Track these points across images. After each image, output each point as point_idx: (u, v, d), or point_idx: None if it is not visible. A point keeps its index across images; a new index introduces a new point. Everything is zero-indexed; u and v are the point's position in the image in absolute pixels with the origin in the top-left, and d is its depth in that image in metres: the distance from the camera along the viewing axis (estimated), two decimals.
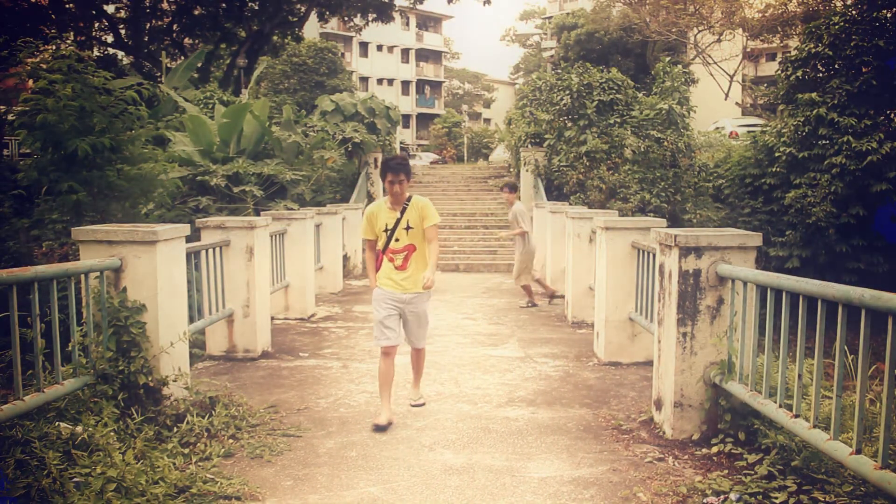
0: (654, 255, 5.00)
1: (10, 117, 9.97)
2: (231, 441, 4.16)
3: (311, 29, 35.92)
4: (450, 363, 6.33)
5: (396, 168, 4.60)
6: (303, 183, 12.97)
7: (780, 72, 15.41)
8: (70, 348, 3.88)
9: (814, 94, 13.50)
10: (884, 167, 12.58)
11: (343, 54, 38.80)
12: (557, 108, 15.57)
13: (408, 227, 4.64)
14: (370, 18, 27.46)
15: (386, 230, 4.67)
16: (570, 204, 13.13)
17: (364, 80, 50.66)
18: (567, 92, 15.33)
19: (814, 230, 13.03)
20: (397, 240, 4.65)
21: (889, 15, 13.69)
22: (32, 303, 3.45)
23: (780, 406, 3.41)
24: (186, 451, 3.90)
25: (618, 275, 6.30)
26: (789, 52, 17.25)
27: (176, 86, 17.37)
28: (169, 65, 21.14)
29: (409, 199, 4.72)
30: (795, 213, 13.28)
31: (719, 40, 29.27)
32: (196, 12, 24.05)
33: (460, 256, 15.48)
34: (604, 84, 15.32)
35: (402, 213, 4.66)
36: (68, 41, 20.46)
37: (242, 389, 5.37)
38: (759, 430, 3.92)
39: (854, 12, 13.98)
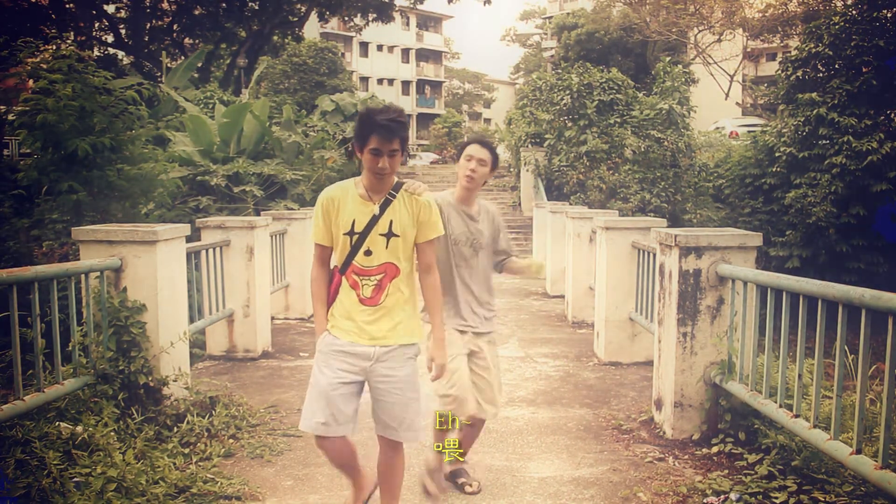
0: (655, 255, 5.00)
1: (10, 117, 9.97)
2: (231, 441, 4.16)
3: (312, 29, 35.92)
4: None
5: (389, 129, 2.64)
6: (303, 183, 12.97)
7: (780, 72, 15.42)
8: (70, 348, 3.88)
9: (814, 94, 13.51)
10: (884, 167, 12.59)
11: (343, 54, 38.78)
12: (557, 108, 15.58)
13: (390, 234, 2.75)
14: (370, 18, 27.49)
15: (351, 233, 2.75)
16: (571, 204, 13.14)
17: (364, 80, 50.67)
18: (567, 92, 15.34)
19: (814, 230, 13.03)
20: (369, 252, 2.74)
21: (889, 15, 13.70)
22: (32, 303, 3.45)
23: (781, 406, 3.41)
24: (187, 451, 3.90)
25: (618, 275, 6.30)
26: (789, 52, 17.25)
27: (176, 86, 17.37)
28: (169, 65, 21.14)
29: (396, 188, 2.80)
30: (795, 213, 13.29)
31: (719, 40, 29.27)
32: (196, 12, 24.07)
33: None
34: (604, 84, 15.33)
35: (384, 208, 2.76)
36: (68, 41, 20.44)
37: (242, 389, 5.37)
38: (759, 430, 3.92)
39: (854, 12, 14.00)
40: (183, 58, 23.92)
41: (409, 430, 2.83)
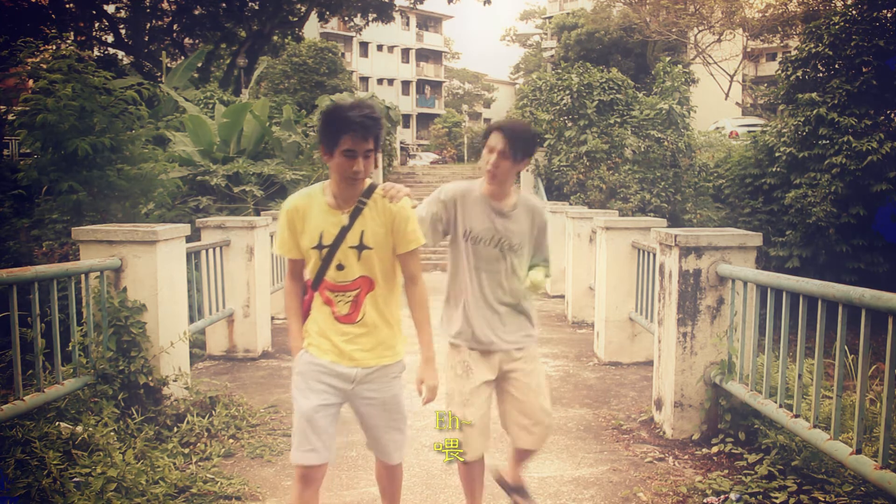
0: (655, 255, 5.00)
1: (10, 117, 9.98)
2: (231, 441, 4.16)
3: (312, 29, 35.92)
4: None
5: (365, 126, 2.39)
6: (303, 183, 12.96)
7: (780, 72, 15.42)
8: (70, 348, 3.88)
9: (814, 94, 13.51)
10: (884, 167, 12.59)
11: (343, 54, 38.78)
12: (557, 108, 15.57)
13: (361, 247, 2.48)
14: (370, 18, 27.48)
15: (319, 246, 2.49)
16: (571, 204, 13.14)
17: (364, 79, 50.67)
18: (567, 92, 15.34)
19: (814, 230, 13.04)
20: (341, 266, 2.49)
21: (889, 15, 13.71)
22: (32, 303, 3.45)
23: (781, 406, 3.41)
24: (186, 450, 3.90)
25: (618, 275, 6.30)
26: (789, 52, 17.25)
27: (176, 86, 17.36)
28: (169, 65, 21.14)
29: (368, 192, 2.51)
30: (795, 213, 13.30)
31: (719, 40, 29.29)
32: (196, 12, 24.07)
33: None
34: (604, 84, 15.33)
35: (354, 217, 2.48)
36: (68, 41, 20.44)
37: (242, 389, 5.37)
38: (759, 430, 3.92)
39: (854, 12, 13.99)
40: (183, 58, 23.92)
41: (392, 450, 2.69)
